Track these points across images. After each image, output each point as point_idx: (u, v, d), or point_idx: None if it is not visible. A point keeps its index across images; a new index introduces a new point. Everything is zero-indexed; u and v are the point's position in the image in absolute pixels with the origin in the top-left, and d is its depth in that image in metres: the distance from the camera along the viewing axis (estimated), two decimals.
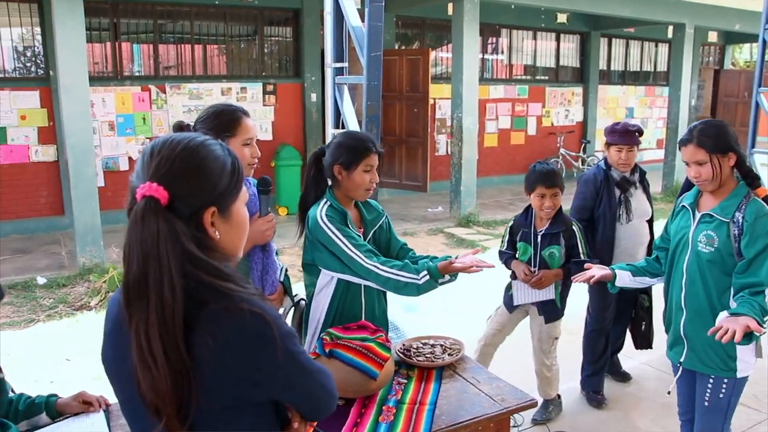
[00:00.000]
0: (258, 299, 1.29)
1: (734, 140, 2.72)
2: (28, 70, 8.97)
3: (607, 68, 15.03)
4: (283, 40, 10.92)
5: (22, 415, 2.32)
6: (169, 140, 1.33)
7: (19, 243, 8.47)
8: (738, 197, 2.73)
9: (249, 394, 1.30)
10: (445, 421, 2.34)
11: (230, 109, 2.65)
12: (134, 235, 1.23)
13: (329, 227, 2.71)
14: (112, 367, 1.38)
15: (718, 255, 2.73)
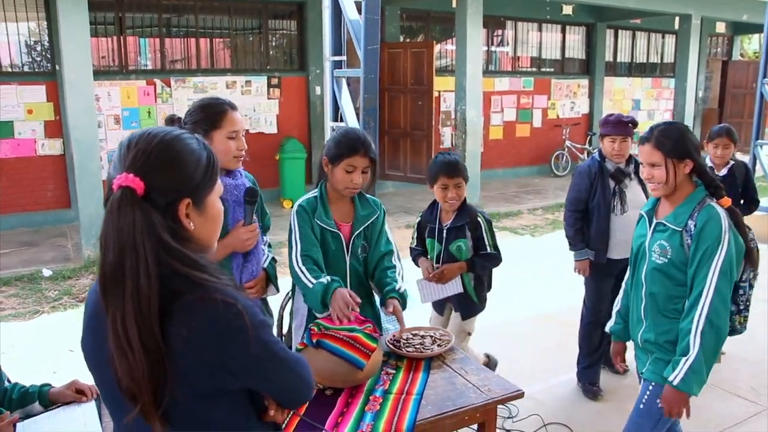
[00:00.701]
0: (231, 289, 1.32)
1: (694, 147, 2.58)
2: (35, 64, 9.03)
3: (614, 60, 14.98)
4: (287, 33, 10.95)
5: (16, 404, 2.38)
6: (146, 133, 1.36)
7: (26, 236, 8.55)
8: (692, 203, 2.57)
9: (224, 383, 1.33)
10: (431, 410, 2.36)
11: (216, 103, 2.69)
12: (110, 224, 1.26)
13: (294, 219, 2.80)
14: (91, 356, 1.41)
15: (671, 266, 2.59)
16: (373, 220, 2.92)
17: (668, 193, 2.61)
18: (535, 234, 9.16)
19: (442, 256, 3.62)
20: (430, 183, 3.61)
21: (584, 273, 4.28)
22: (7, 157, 8.69)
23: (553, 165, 13.32)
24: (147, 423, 1.27)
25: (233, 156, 2.69)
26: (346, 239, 2.86)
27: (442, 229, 3.63)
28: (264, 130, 10.39)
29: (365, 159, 2.75)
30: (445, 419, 2.37)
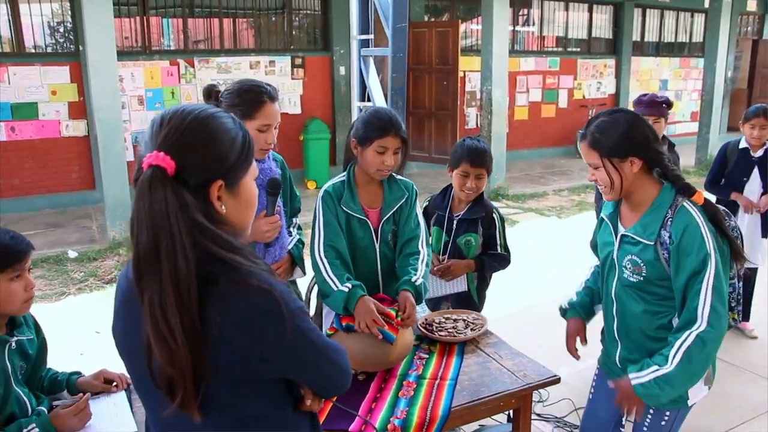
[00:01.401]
0: (267, 275, 1.26)
1: (640, 141, 2.17)
2: (59, 45, 9.02)
3: (641, 39, 14.71)
4: (311, 13, 10.84)
5: (47, 391, 2.38)
6: (180, 110, 1.30)
7: (52, 217, 8.59)
8: (662, 209, 2.19)
9: (258, 371, 1.28)
10: (466, 396, 2.32)
11: (255, 91, 2.58)
12: (142, 205, 1.21)
13: (318, 206, 2.71)
14: (122, 342, 1.37)
15: (648, 283, 2.25)
16: (402, 204, 2.79)
17: (620, 197, 2.26)
18: (561, 215, 9.06)
19: (448, 248, 3.34)
20: (451, 167, 3.32)
21: None
22: (31, 139, 8.71)
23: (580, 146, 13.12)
24: (185, 412, 1.22)
25: (260, 148, 2.61)
26: (374, 225, 2.75)
27: (452, 218, 3.34)
28: (288, 111, 10.32)
29: (396, 139, 2.63)
30: (480, 405, 2.32)
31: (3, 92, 8.45)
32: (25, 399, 2.17)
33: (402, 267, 2.74)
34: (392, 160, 2.64)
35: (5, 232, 2.13)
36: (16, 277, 2.11)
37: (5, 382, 2.10)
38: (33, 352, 2.31)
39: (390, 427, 2.12)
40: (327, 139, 10.06)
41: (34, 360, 2.32)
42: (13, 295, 2.11)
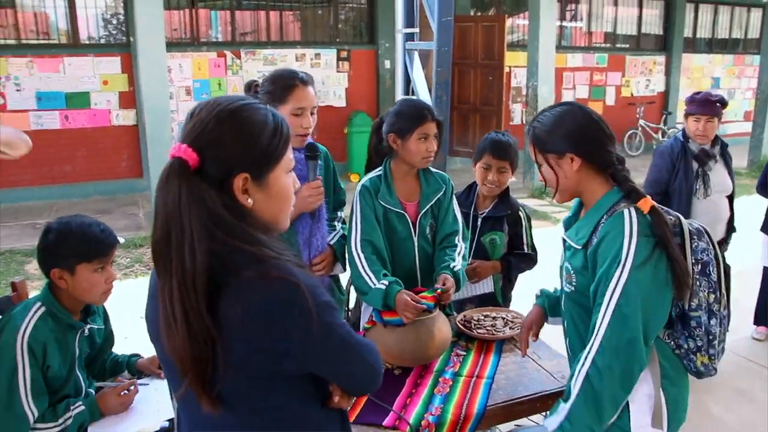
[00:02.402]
0: (294, 267, 1.25)
1: (580, 137, 1.94)
2: (111, 36, 9.22)
3: (693, 36, 14.37)
4: (357, 6, 10.87)
5: (109, 372, 2.52)
6: (211, 102, 1.31)
7: (100, 204, 8.79)
8: (598, 212, 1.95)
9: (282, 366, 1.27)
10: (502, 396, 2.30)
11: (287, 76, 2.60)
12: (159, 196, 1.23)
13: (356, 200, 2.72)
14: (153, 327, 1.38)
15: (579, 295, 2.00)
16: (439, 197, 2.79)
17: (568, 197, 2.05)
18: None
19: (472, 246, 3.20)
20: (474, 160, 3.23)
21: None
22: (83, 127, 8.94)
23: (626, 144, 12.92)
24: (199, 401, 1.24)
25: (296, 134, 2.59)
26: (412, 219, 2.76)
27: (477, 216, 3.23)
28: (333, 104, 10.38)
29: (434, 124, 2.68)
30: (516, 405, 2.30)
31: (58, 82, 8.70)
32: (82, 383, 2.29)
33: (439, 258, 2.75)
34: (434, 145, 2.68)
35: (96, 225, 2.22)
36: (100, 269, 2.20)
37: (70, 366, 2.21)
38: (99, 341, 2.44)
39: (424, 424, 2.12)
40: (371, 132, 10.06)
41: (99, 347, 2.46)
42: (95, 286, 2.21)
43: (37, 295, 2.24)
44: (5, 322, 2.16)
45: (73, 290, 2.19)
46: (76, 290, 2.19)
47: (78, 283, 2.18)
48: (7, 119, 8.48)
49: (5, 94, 8.48)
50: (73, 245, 2.16)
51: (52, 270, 2.17)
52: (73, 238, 2.17)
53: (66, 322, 2.20)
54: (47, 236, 2.19)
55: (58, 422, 2.11)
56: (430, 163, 2.74)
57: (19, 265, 6.49)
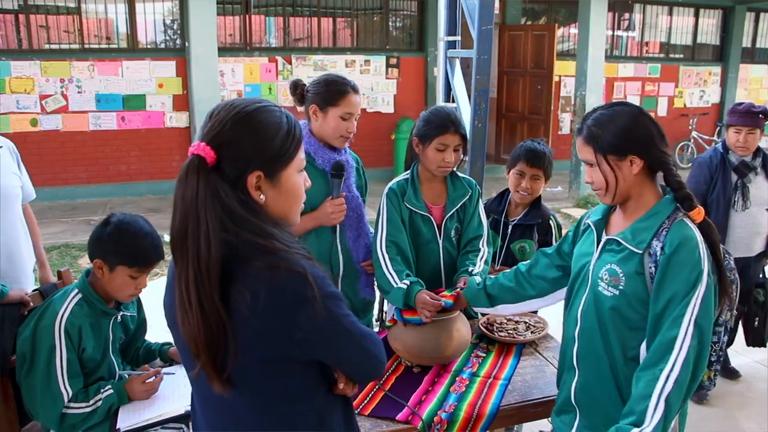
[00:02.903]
0: (302, 259, 1.34)
1: (644, 139, 1.90)
2: (168, 41, 9.53)
3: (752, 46, 14.01)
4: (408, 14, 10.98)
5: (142, 359, 2.68)
6: (228, 104, 1.40)
7: (152, 203, 9.08)
8: (659, 217, 1.90)
9: (289, 352, 1.36)
10: (516, 397, 2.36)
11: (340, 81, 2.78)
12: (177, 190, 1.33)
13: (383, 202, 2.80)
14: (169, 314, 1.48)
15: (623, 301, 1.91)
16: (465, 201, 2.85)
17: (619, 201, 1.98)
18: None
19: (501, 253, 3.22)
20: (508, 167, 3.25)
21: None
22: (138, 128, 9.26)
23: (678, 156, 12.70)
24: (210, 382, 1.34)
25: (340, 135, 2.79)
26: (438, 222, 2.83)
27: (507, 223, 3.23)
28: (381, 110, 10.50)
29: (456, 137, 2.71)
30: (529, 407, 2.35)
31: (117, 84, 9.05)
32: (116, 367, 2.44)
33: (461, 261, 2.81)
34: (452, 157, 2.72)
35: (151, 236, 2.35)
36: (136, 276, 2.34)
37: (104, 349, 2.37)
38: (133, 327, 2.60)
39: (436, 420, 2.19)
40: None
41: (133, 334, 2.61)
42: (126, 288, 2.36)
43: (75, 282, 2.40)
44: (46, 306, 2.33)
45: (105, 283, 2.34)
46: (108, 284, 2.34)
47: (112, 279, 2.32)
48: (68, 119, 8.87)
49: (68, 96, 8.84)
50: (122, 247, 2.30)
51: (96, 259, 2.32)
52: (126, 240, 2.30)
53: (100, 308, 2.36)
54: (105, 227, 2.33)
55: (89, 403, 2.26)
56: (446, 173, 2.79)
57: (73, 258, 6.77)
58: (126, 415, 2.29)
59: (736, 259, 3.91)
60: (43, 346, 2.22)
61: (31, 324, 2.28)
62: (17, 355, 2.30)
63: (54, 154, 8.85)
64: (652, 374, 1.76)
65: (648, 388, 1.76)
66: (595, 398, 2.01)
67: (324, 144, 2.82)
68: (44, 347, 2.22)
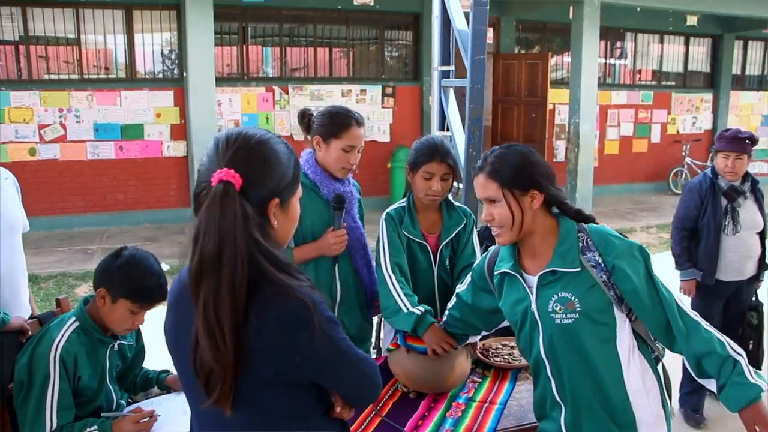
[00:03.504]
0: (307, 289, 1.38)
1: (542, 174, 2.01)
2: (166, 71, 9.62)
3: (741, 73, 14.20)
4: (403, 43, 11.12)
5: (140, 387, 2.68)
6: (243, 133, 1.44)
7: (149, 232, 9.10)
8: (571, 235, 2.01)
9: (289, 375, 1.40)
10: (512, 421, 2.38)
11: (344, 114, 2.82)
12: (212, 215, 1.33)
13: (382, 227, 2.83)
14: (171, 337, 1.51)
15: (585, 320, 1.96)
16: (459, 230, 2.89)
17: (516, 237, 2.04)
18: None
19: None
20: None
21: (689, 294, 4.14)
22: (136, 158, 9.31)
23: (671, 182, 12.81)
24: (220, 407, 1.35)
25: (342, 167, 2.82)
26: (433, 250, 2.86)
27: None
28: (377, 139, 10.58)
29: (442, 165, 2.74)
30: (526, 431, 2.36)
31: (115, 114, 9.12)
32: (113, 395, 2.45)
33: None
34: (439, 186, 2.74)
35: (158, 276, 2.36)
36: (136, 312, 2.36)
37: (101, 378, 2.37)
38: (130, 356, 2.61)
39: None
40: None
41: (130, 362, 2.62)
42: (123, 323, 2.37)
43: (72, 310, 2.42)
44: (43, 333, 2.34)
45: (104, 313, 2.35)
46: (107, 315, 2.35)
47: (112, 311, 2.34)
48: (66, 149, 8.93)
49: (66, 126, 8.91)
50: (129, 282, 2.31)
51: (100, 288, 2.34)
52: (134, 275, 2.32)
53: (96, 337, 2.37)
54: (116, 259, 2.35)
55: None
56: (436, 201, 2.83)
57: (70, 288, 6.78)
58: None
59: (729, 282, 4.01)
60: (38, 374, 2.23)
61: (28, 351, 2.29)
62: (15, 382, 2.31)
63: (51, 184, 8.88)
64: (695, 329, 1.93)
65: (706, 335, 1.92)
66: (587, 427, 2.04)
67: (328, 174, 2.86)
68: (39, 375, 2.22)
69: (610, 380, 1.99)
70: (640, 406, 2.00)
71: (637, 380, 2.01)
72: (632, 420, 2.00)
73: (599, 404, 2.00)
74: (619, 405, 1.99)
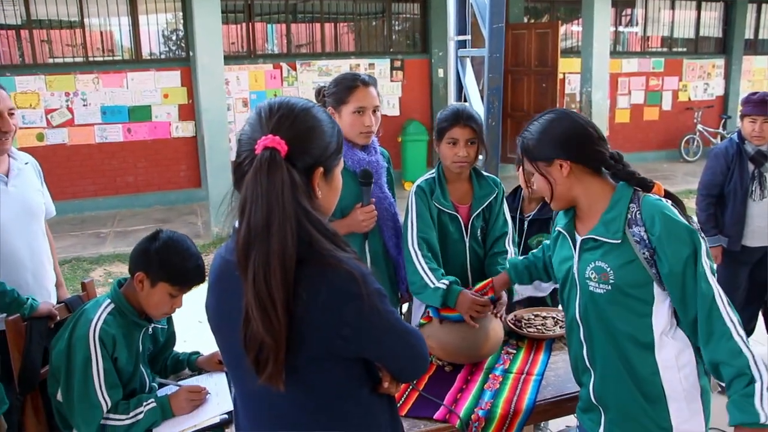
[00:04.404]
0: (355, 261, 1.34)
1: (564, 142, 1.93)
2: (171, 52, 9.54)
3: (755, 37, 13.97)
4: (410, 16, 10.99)
5: (171, 370, 2.66)
6: (285, 101, 1.40)
7: (161, 213, 9.07)
8: (622, 204, 1.92)
9: (337, 348, 1.35)
10: (551, 392, 2.35)
11: (349, 77, 2.75)
12: (259, 183, 1.28)
13: (411, 199, 2.77)
14: (216, 316, 1.47)
15: (618, 294, 1.92)
16: (491, 201, 2.83)
17: (564, 204, 2.03)
18: None
19: (519, 249, 3.14)
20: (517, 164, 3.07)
21: (716, 260, 4.07)
22: (145, 139, 9.26)
23: (683, 150, 12.69)
24: (272, 383, 1.31)
25: (359, 132, 2.74)
26: (465, 221, 2.80)
27: (523, 219, 3.25)
28: (387, 113, 10.48)
29: (466, 129, 2.67)
30: (565, 401, 2.34)
31: (122, 96, 9.06)
32: (146, 377, 2.41)
33: (490, 266, 2.80)
34: (465, 152, 2.69)
35: (196, 258, 2.33)
36: (176, 295, 2.33)
37: (135, 361, 2.34)
38: (162, 339, 2.59)
39: (474, 418, 2.17)
40: (425, 140, 10.16)
41: (162, 346, 2.60)
42: (162, 306, 2.34)
43: (107, 293, 2.38)
44: (79, 315, 2.30)
45: (143, 297, 2.32)
46: (145, 300, 2.32)
47: (151, 295, 2.30)
48: (74, 133, 8.87)
49: (73, 110, 8.85)
50: (168, 265, 2.28)
51: (138, 272, 2.29)
52: (174, 258, 2.28)
53: (132, 319, 2.33)
54: (153, 242, 2.30)
55: (129, 415, 2.22)
56: (464, 168, 2.76)
57: (85, 272, 6.76)
58: (161, 425, 2.26)
59: (755, 248, 3.94)
60: (78, 356, 2.19)
61: (65, 336, 2.26)
62: (52, 369, 2.28)
63: (61, 168, 8.83)
64: (722, 334, 1.79)
65: (729, 344, 1.79)
66: (615, 396, 2.01)
67: (352, 144, 2.78)
68: (79, 357, 2.19)
69: (639, 353, 1.94)
70: (670, 380, 1.92)
71: (670, 356, 1.92)
72: (661, 394, 1.93)
73: (627, 374, 1.96)
74: (647, 378, 1.94)
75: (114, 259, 7.11)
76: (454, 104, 2.81)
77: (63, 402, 2.24)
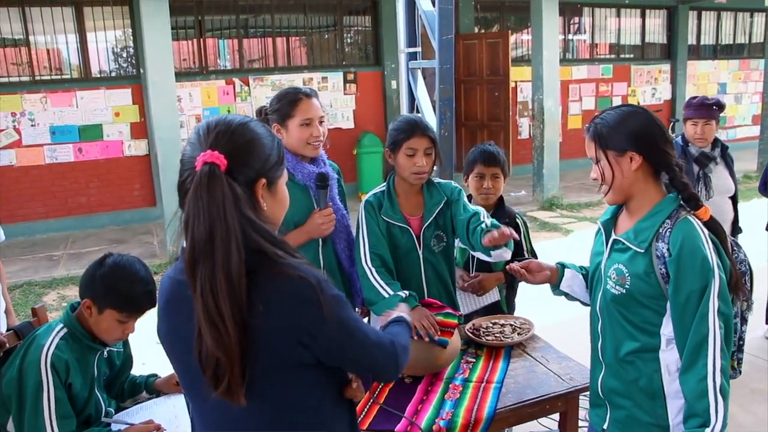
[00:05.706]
0: (306, 266, 1.35)
1: (643, 137, 1.92)
2: (121, 69, 9.40)
3: (697, 43, 14.38)
4: (362, 29, 11.03)
5: (128, 394, 2.59)
6: (223, 118, 1.43)
7: (115, 234, 8.91)
8: (660, 216, 1.93)
9: (298, 356, 1.36)
10: (511, 399, 2.35)
11: (291, 92, 2.76)
12: (200, 198, 1.29)
13: (362, 215, 2.77)
14: (168, 339, 1.46)
15: (630, 299, 1.97)
16: (442, 207, 2.80)
17: (620, 198, 2.01)
18: None
19: (474, 260, 3.21)
20: (466, 174, 3.31)
21: None
22: (96, 159, 9.10)
23: None
24: (230, 399, 1.30)
25: (307, 143, 2.73)
26: (416, 232, 2.79)
27: None
28: (341, 126, 10.50)
29: (424, 139, 2.68)
30: (525, 408, 2.35)
31: (71, 115, 8.89)
32: (102, 403, 2.35)
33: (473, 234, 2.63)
34: (424, 161, 2.68)
35: (146, 283, 2.27)
36: (125, 321, 2.27)
37: (90, 386, 2.28)
38: (119, 362, 2.53)
39: (435, 428, 2.17)
40: (380, 152, 10.15)
41: (118, 369, 2.54)
42: (113, 332, 2.29)
43: (59, 317, 2.32)
44: (30, 341, 2.24)
45: (93, 324, 2.27)
46: (95, 326, 2.27)
47: (100, 321, 2.26)
48: (22, 154, 8.68)
49: (20, 130, 8.65)
50: (114, 291, 2.23)
51: (86, 298, 2.24)
52: (120, 286, 2.23)
53: (86, 343, 2.27)
54: (99, 268, 2.25)
55: None
56: (422, 179, 2.75)
57: (38, 296, 6.60)
58: None
59: None
60: (29, 383, 2.12)
61: (15, 362, 2.19)
62: (3, 398, 2.20)
63: (9, 190, 8.61)
64: (698, 373, 1.82)
65: (700, 385, 1.82)
66: (618, 392, 2.07)
67: (300, 158, 2.77)
68: (31, 383, 2.12)
69: (643, 355, 1.99)
70: (671, 381, 1.95)
71: (673, 360, 1.94)
72: (660, 393, 1.97)
73: (630, 371, 2.02)
74: (649, 376, 1.98)
75: (68, 282, 6.96)
76: (406, 115, 2.81)
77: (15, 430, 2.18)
